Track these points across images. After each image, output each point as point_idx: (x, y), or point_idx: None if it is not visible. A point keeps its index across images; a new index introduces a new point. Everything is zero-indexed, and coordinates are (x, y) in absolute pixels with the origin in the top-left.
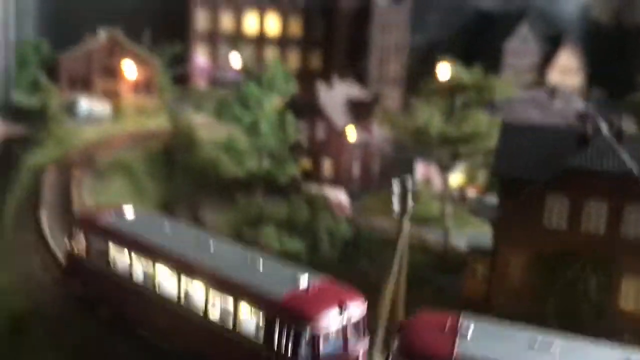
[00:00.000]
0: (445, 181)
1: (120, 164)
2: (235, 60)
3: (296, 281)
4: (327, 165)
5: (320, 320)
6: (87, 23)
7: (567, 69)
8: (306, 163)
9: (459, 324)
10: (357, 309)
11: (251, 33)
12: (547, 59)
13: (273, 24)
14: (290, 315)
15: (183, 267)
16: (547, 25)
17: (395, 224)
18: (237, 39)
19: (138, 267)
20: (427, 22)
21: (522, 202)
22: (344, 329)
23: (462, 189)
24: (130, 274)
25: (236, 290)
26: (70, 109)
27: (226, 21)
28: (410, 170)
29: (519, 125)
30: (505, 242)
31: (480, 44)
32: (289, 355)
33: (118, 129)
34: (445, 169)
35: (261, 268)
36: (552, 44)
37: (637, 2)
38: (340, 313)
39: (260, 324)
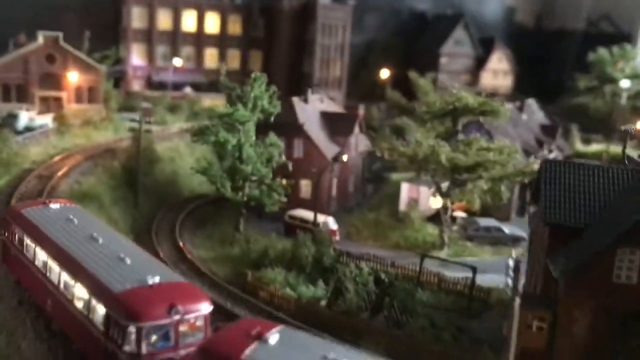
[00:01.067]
0: (445, 209)
1: (86, 195)
2: (177, 60)
3: (146, 278)
4: (304, 186)
5: (144, 317)
6: (6, 22)
7: (499, 72)
8: (286, 184)
9: (268, 332)
10: (195, 308)
11: (190, 31)
12: (479, 62)
13: (212, 22)
14: (119, 309)
15: (60, 256)
16: (477, 28)
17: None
18: (174, 37)
19: (39, 255)
20: (365, 23)
21: (586, 254)
22: (175, 327)
23: (446, 209)
24: (34, 261)
25: (88, 281)
26: (7, 123)
27: (163, 19)
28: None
29: (560, 163)
30: (567, 296)
31: (416, 46)
32: (118, 346)
33: (66, 145)
34: (445, 195)
35: (127, 263)
36: (483, 47)
37: (557, 7)
38: (170, 312)
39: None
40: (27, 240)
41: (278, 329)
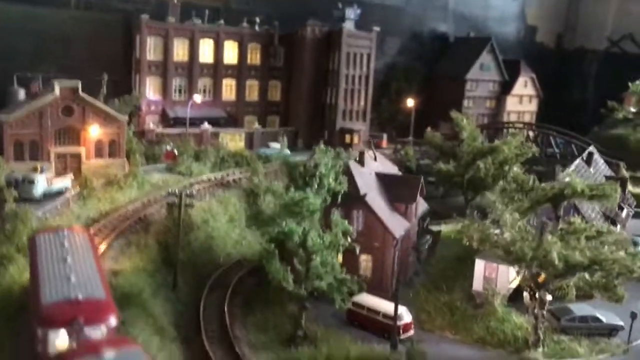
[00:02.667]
0: (542, 303)
1: (125, 294)
2: (197, 97)
3: (73, 295)
4: (364, 262)
5: (48, 324)
6: (8, 54)
7: (524, 97)
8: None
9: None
10: (97, 327)
11: (206, 62)
12: (504, 86)
13: (230, 52)
14: (36, 317)
15: (32, 275)
16: (499, 50)
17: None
18: (191, 69)
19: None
20: (385, 47)
21: None
22: (78, 338)
23: (543, 303)
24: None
25: (32, 295)
26: (23, 190)
27: (179, 49)
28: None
29: None
30: None
31: (438, 70)
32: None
33: (91, 213)
34: (541, 287)
35: (71, 281)
36: (507, 70)
37: (579, 26)
38: (71, 325)
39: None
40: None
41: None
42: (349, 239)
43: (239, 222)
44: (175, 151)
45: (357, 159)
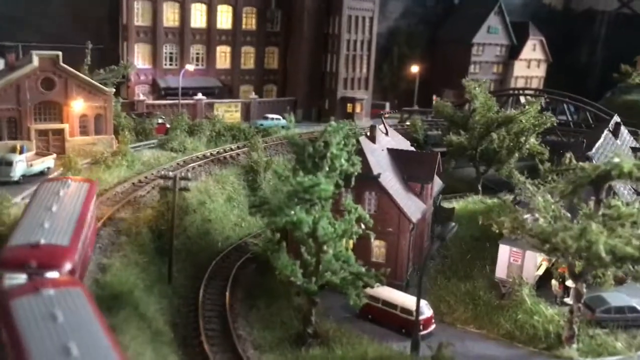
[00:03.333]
0: (579, 296)
1: (115, 294)
2: (189, 66)
3: (35, 240)
4: (376, 248)
5: (6, 268)
6: None
7: (532, 62)
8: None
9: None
10: (51, 271)
11: (199, 27)
12: (512, 50)
13: (224, 17)
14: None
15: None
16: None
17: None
18: (182, 35)
19: None
20: (387, 10)
21: None
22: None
23: (580, 296)
24: None
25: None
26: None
27: (169, 14)
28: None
29: None
30: None
31: (443, 34)
32: None
33: None
34: (578, 277)
35: (44, 226)
36: (515, 34)
37: None
38: (24, 268)
39: None
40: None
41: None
42: (363, 226)
43: (237, 201)
44: (167, 125)
45: (368, 133)
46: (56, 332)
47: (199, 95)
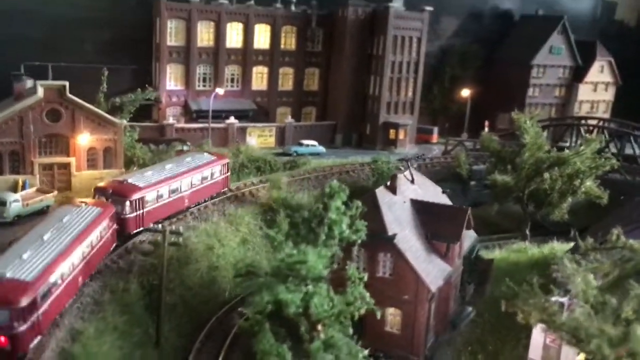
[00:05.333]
0: None
1: None
2: (219, 90)
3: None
4: (391, 316)
5: None
6: (17, 42)
7: (599, 85)
8: None
9: None
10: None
11: (235, 47)
12: (577, 72)
13: (262, 36)
14: None
15: None
16: (571, 30)
17: None
18: (216, 55)
19: None
20: (439, 28)
21: None
22: None
23: None
24: None
25: None
26: None
27: (203, 34)
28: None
29: None
30: None
31: (500, 53)
32: None
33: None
34: None
35: (23, 258)
36: (581, 54)
37: None
38: None
39: None
40: None
41: None
42: (368, 302)
43: (252, 244)
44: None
45: (389, 184)
46: None
47: (231, 119)
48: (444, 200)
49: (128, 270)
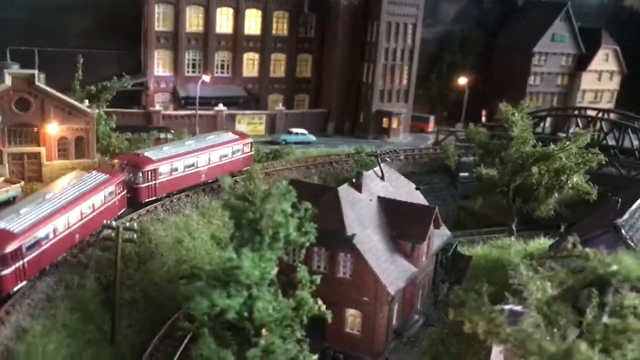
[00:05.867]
0: None
1: None
2: (206, 77)
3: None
4: (351, 317)
5: None
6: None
7: (604, 73)
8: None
9: None
10: None
11: (225, 33)
12: (580, 61)
13: (253, 21)
14: None
15: None
16: (576, 16)
17: None
18: (206, 41)
19: None
20: (439, 13)
21: None
22: None
23: None
24: None
25: None
26: None
27: (192, 19)
28: None
29: None
30: None
31: (501, 40)
32: None
33: None
34: None
35: (20, 213)
36: (585, 41)
37: None
38: None
39: None
40: None
41: None
42: (320, 306)
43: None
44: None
45: (354, 181)
46: None
47: (220, 106)
48: (418, 197)
49: (86, 265)
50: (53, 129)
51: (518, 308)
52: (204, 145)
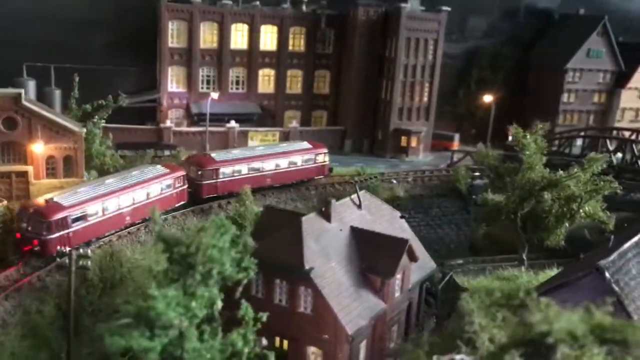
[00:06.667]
0: None
1: None
2: (214, 94)
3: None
4: (312, 356)
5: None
6: (20, 44)
7: None
8: None
9: None
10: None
11: (239, 49)
12: (619, 77)
13: (268, 37)
14: None
15: None
16: (616, 30)
17: None
18: (220, 57)
19: None
20: (467, 28)
21: None
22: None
23: None
24: None
25: None
26: None
27: (206, 35)
28: None
29: None
30: None
31: (534, 56)
32: None
33: None
34: None
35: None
36: (625, 57)
37: None
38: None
39: None
40: None
41: None
42: (261, 347)
43: None
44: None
45: (323, 210)
46: None
47: (232, 123)
48: (402, 226)
49: (50, 290)
50: (39, 148)
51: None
52: (272, 151)
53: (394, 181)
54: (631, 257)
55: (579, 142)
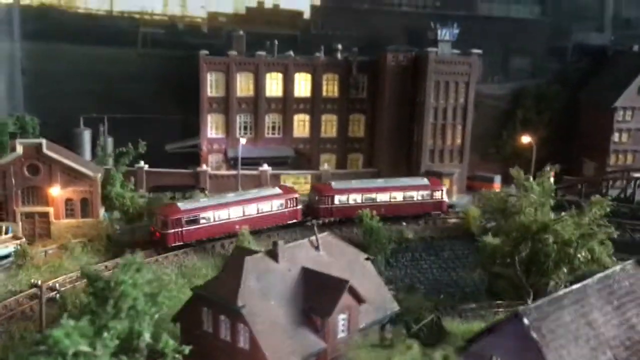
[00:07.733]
0: None
1: None
2: (242, 140)
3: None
4: None
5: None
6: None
7: None
8: None
9: None
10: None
11: (274, 96)
12: None
13: (302, 84)
14: None
15: None
16: None
17: None
18: (256, 104)
19: None
20: (510, 67)
21: None
22: None
23: None
24: None
25: None
26: None
27: (242, 85)
28: None
29: None
30: None
31: (584, 95)
32: None
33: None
34: None
35: (200, 200)
36: None
37: None
38: None
39: None
40: None
41: None
42: None
43: None
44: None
45: (271, 249)
46: None
47: (264, 166)
48: (365, 269)
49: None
50: (56, 191)
51: None
52: (388, 185)
53: (403, 223)
54: (567, 304)
55: None
